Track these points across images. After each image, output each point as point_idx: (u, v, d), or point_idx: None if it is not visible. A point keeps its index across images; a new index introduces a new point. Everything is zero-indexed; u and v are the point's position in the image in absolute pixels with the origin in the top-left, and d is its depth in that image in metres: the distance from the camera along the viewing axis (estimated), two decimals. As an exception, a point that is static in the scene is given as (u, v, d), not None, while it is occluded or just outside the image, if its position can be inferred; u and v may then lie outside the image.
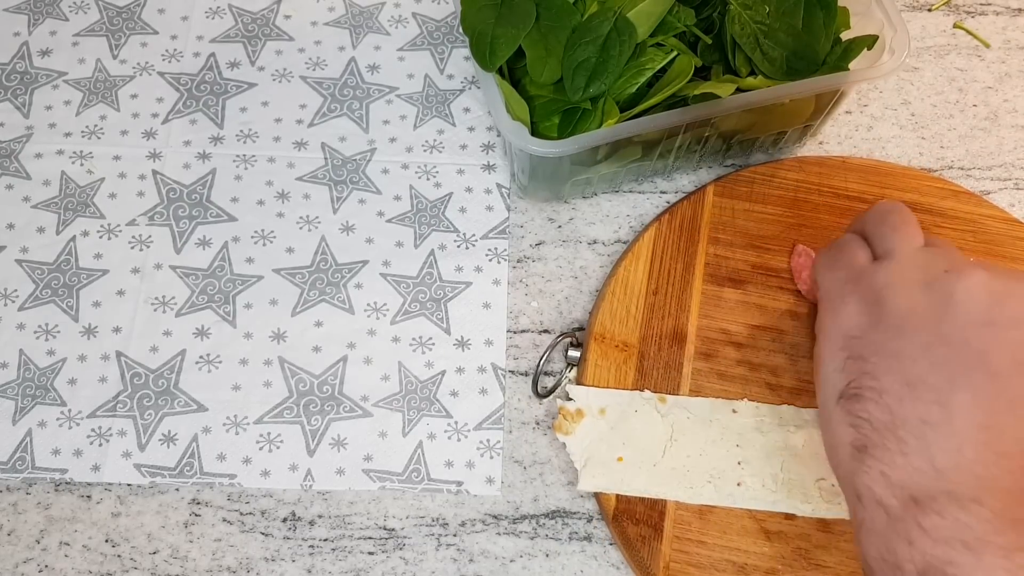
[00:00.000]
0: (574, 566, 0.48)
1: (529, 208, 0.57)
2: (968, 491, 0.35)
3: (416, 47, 0.62)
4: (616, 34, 0.49)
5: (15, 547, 0.48)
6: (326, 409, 0.51)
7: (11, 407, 0.51)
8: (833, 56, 0.52)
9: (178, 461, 0.50)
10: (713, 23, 0.52)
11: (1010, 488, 0.35)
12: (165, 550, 0.48)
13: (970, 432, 0.35)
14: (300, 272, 0.55)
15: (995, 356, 0.36)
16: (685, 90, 0.50)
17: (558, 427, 0.49)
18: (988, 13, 0.65)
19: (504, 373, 0.52)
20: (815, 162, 0.57)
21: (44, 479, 0.49)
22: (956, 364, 0.37)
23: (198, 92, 0.60)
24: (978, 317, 0.37)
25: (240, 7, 0.63)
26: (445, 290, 0.54)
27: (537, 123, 0.50)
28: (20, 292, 0.54)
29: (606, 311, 0.52)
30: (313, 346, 0.53)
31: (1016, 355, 0.36)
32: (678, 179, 0.58)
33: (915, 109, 0.61)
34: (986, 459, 0.35)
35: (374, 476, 0.50)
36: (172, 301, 0.54)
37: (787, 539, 0.46)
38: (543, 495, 0.50)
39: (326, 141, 0.59)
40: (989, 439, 0.35)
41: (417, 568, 0.48)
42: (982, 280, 0.37)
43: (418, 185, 0.58)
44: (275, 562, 0.48)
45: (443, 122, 0.60)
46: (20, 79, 0.60)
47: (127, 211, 0.56)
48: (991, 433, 0.35)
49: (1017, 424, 0.36)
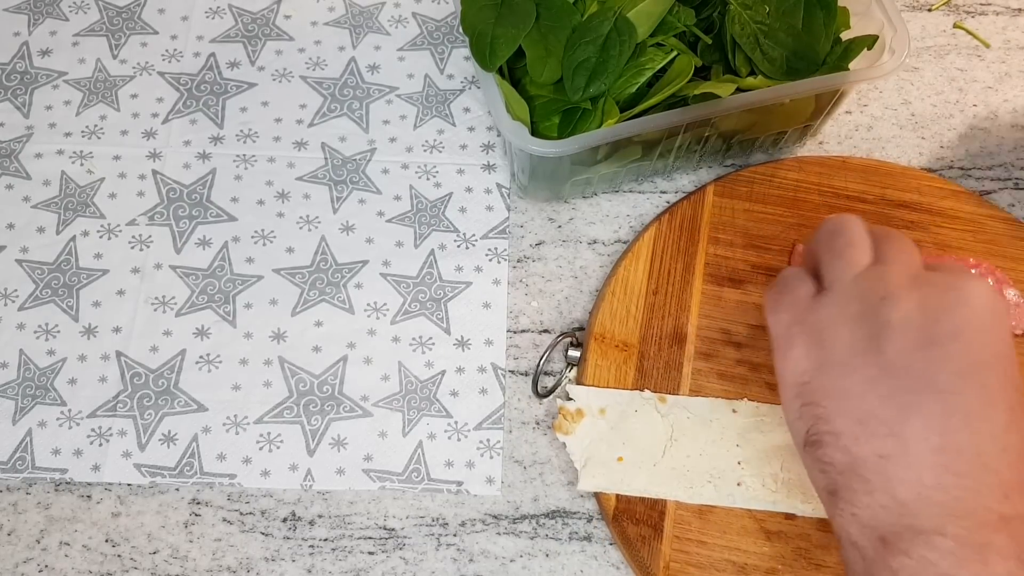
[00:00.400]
0: (574, 566, 0.48)
1: (529, 208, 0.57)
2: (930, 522, 0.34)
3: (416, 47, 0.62)
4: (616, 34, 0.49)
5: (15, 547, 0.48)
6: (326, 409, 0.51)
7: (11, 407, 0.51)
8: (833, 56, 0.52)
9: (178, 461, 0.50)
10: (713, 23, 0.52)
11: (973, 509, 0.34)
12: (165, 550, 0.48)
13: (926, 457, 0.35)
14: (300, 272, 0.55)
15: (939, 375, 0.35)
16: (685, 90, 0.50)
17: (558, 427, 0.49)
18: (988, 13, 0.65)
19: (504, 373, 0.52)
20: (815, 162, 0.57)
21: (44, 479, 0.49)
22: (903, 393, 0.36)
23: (198, 92, 0.60)
24: (916, 341, 0.36)
25: (240, 7, 0.63)
26: (445, 290, 0.54)
27: (537, 123, 0.50)
28: (20, 292, 0.54)
29: (606, 311, 0.52)
30: (313, 346, 0.53)
31: (959, 367, 0.35)
32: (678, 179, 0.58)
33: (915, 109, 0.61)
34: (945, 483, 0.35)
35: (374, 476, 0.50)
36: (172, 301, 0.54)
37: (787, 539, 0.46)
38: (543, 495, 0.50)
39: (326, 141, 0.59)
40: (946, 461, 0.35)
41: (417, 568, 0.48)
42: (916, 302, 0.36)
43: (418, 185, 0.58)
44: (275, 562, 0.48)
45: (443, 122, 0.60)
46: (20, 79, 0.60)
47: (127, 211, 0.56)
48: (947, 455, 0.35)
49: (973, 439, 0.35)
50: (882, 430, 0.36)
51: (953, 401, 0.35)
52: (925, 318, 0.36)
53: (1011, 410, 0.35)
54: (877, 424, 0.36)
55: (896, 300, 0.37)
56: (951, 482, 0.34)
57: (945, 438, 0.35)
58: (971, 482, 0.34)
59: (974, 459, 0.35)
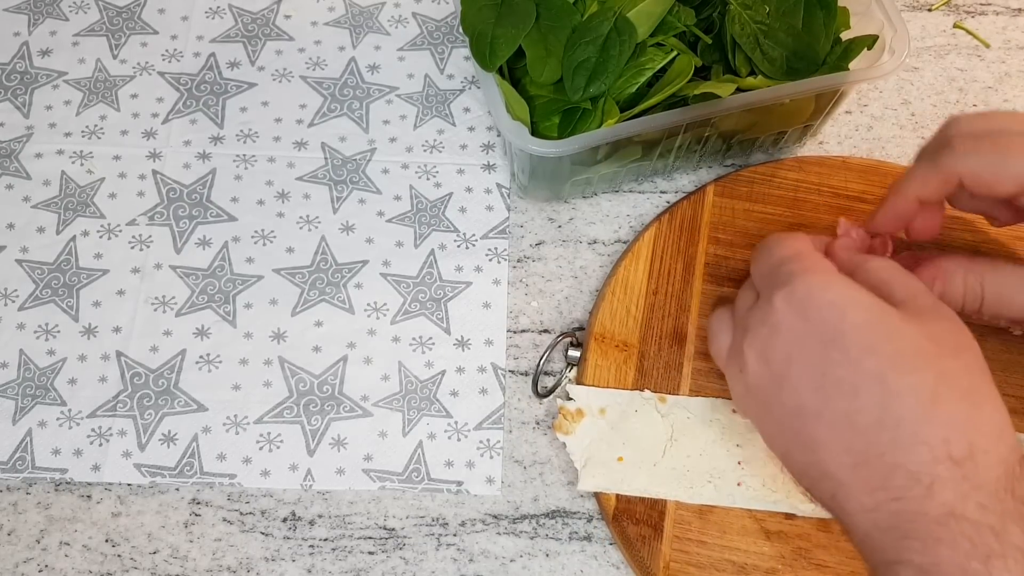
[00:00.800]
0: (574, 566, 0.48)
1: (529, 208, 0.57)
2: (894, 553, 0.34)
3: (416, 47, 0.62)
4: (616, 34, 0.49)
5: (15, 547, 0.48)
6: (326, 409, 0.51)
7: (11, 407, 0.51)
8: (833, 56, 0.52)
9: (178, 461, 0.50)
10: (713, 23, 0.52)
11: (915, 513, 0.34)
12: (165, 550, 0.48)
13: (842, 462, 0.35)
14: (300, 272, 0.55)
15: (805, 387, 0.36)
16: (685, 90, 0.50)
17: (558, 427, 0.49)
18: (988, 13, 0.65)
19: (504, 373, 0.52)
20: (815, 162, 0.57)
21: (44, 479, 0.49)
22: (789, 416, 0.37)
23: (198, 92, 0.60)
24: (779, 369, 0.37)
25: (240, 7, 0.63)
26: (445, 290, 0.54)
27: (537, 123, 0.50)
28: (20, 292, 0.54)
29: (606, 311, 0.52)
30: (313, 346, 0.53)
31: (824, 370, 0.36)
32: (678, 179, 0.58)
33: (915, 109, 0.61)
34: (862, 485, 0.35)
35: (374, 476, 0.50)
36: (172, 301, 0.54)
37: (787, 539, 0.46)
38: (543, 495, 0.50)
39: (326, 141, 0.59)
40: (868, 475, 0.35)
41: (417, 568, 0.48)
42: (780, 334, 0.37)
43: (418, 185, 0.58)
44: (275, 562, 0.48)
45: (443, 122, 0.60)
46: (20, 79, 0.60)
47: (127, 211, 0.56)
48: (857, 455, 0.35)
49: (880, 444, 0.34)
50: (798, 458, 0.38)
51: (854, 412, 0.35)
52: (793, 326, 0.37)
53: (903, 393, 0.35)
54: (792, 450, 0.38)
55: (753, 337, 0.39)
56: (883, 496, 0.34)
57: (861, 452, 0.35)
58: (899, 489, 0.34)
59: (893, 461, 0.34)
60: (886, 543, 0.34)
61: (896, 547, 0.33)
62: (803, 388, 0.36)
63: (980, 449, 0.33)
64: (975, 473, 0.33)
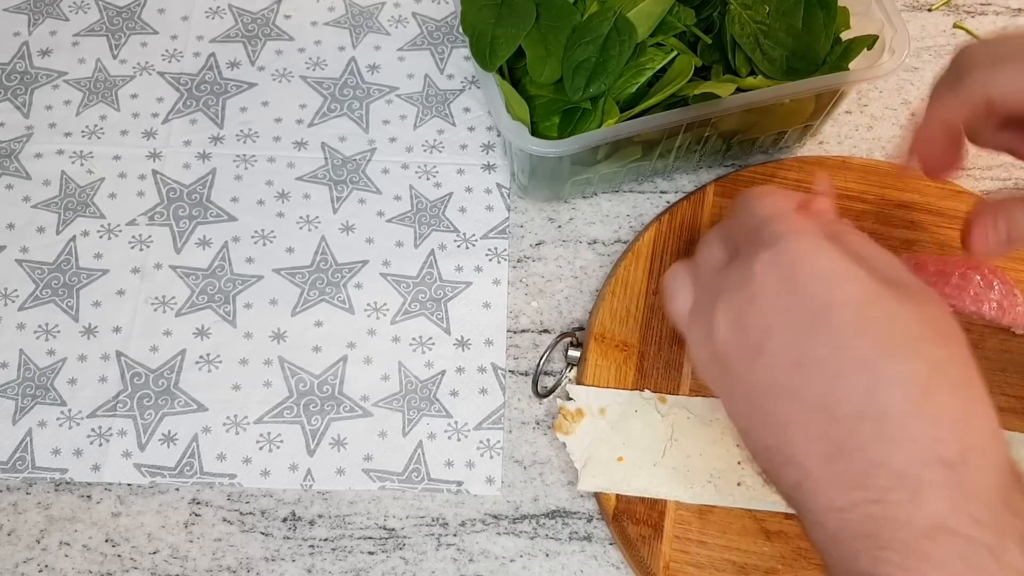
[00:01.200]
0: (574, 566, 0.48)
1: (529, 208, 0.57)
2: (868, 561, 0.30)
3: (416, 47, 0.62)
4: (616, 34, 0.49)
5: (15, 547, 0.48)
6: (326, 409, 0.51)
7: (11, 407, 0.51)
8: (833, 56, 0.52)
9: (178, 461, 0.50)
10: (713, 23, 0.52)
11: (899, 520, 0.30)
12: (165, 550, 0.48)
13: (813, 451, 0.31)
14: (300, 272, 0.55)
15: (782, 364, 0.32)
16: (685, 90, 0.50)
17: (558, 427, 0.49)
18: (988, 13, 0.65)
19: (504, 373, 0.52)
20: (815, 162, 0.57)
21: (44, 479, 0.49)
22: (759, 392, 0.33)
23: (198, 92, 0.60)
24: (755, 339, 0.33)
25: (240, 7, 0.63)
26: (445, 290, 0.54)
27: (537, 123, 0.50)
28: (20, 292, 0.54)
29: (606, 311, 0.52)
30: (313, 346, 0.53)
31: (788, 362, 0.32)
32: (678, 179, 0.58)
33: (915, 109, 0.61)
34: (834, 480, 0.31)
35: (374, 476, 0.50)
36: (172, 301, 0.54)
37: (787, 539, 0.46)
38: (543, 495, 0.50)
39: (326, 141, 0.59)
40: (830, 452, 0.31)
41: (417, 568, 0.48)
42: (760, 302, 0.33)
43: (418, 185, 0.58)
44: (275, 562, 0.48)
45: (443, 122, 0.60)
46: (20, 79, 0.60)
47: (127, 211, 0.56)
48: (832, 445, 0.31)
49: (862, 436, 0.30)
50: (774, 451, 0.33)
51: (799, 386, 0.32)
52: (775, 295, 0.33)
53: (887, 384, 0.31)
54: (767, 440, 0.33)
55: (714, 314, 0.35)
56: (859, 497, 0.30)
57: (837, 443, 0.31)
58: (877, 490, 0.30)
59: (875, 457, 0.30)
60: (858, 551, 0.30)
61: (871, 558, 0.29)
62: (780, 364, 0.32)
63: (974, 453, 0.30)
64: (968, 480, 0.29)
